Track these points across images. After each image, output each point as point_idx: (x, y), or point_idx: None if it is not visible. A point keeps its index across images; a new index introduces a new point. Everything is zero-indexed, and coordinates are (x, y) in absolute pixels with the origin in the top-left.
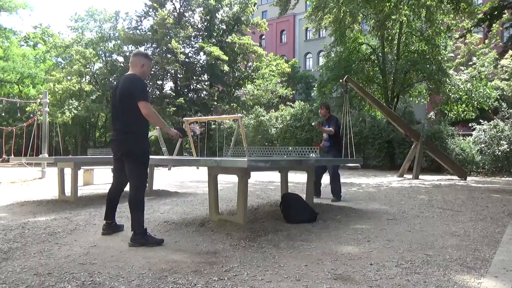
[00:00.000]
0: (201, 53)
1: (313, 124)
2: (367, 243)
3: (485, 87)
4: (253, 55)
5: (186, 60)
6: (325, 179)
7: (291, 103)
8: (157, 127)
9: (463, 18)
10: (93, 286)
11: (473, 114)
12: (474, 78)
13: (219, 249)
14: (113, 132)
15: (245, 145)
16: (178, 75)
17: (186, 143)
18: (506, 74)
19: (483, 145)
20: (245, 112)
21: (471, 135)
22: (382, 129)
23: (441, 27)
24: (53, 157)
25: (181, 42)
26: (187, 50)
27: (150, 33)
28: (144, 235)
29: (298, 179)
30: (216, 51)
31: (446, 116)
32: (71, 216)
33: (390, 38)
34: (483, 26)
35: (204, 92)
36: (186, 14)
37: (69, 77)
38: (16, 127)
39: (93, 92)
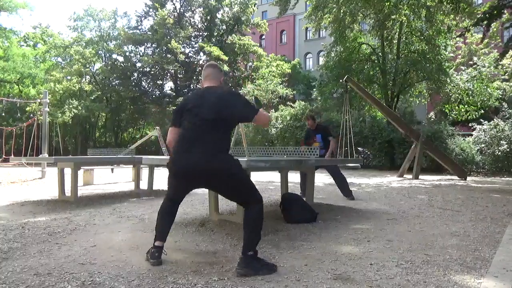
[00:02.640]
0: (201, 53)
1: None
2: (367, 243)
3: (486, 86)
4: (253, 55)
5: (186, 60)
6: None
7: (291, 103)
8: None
9: (463, 18)
10: (93, 286)
11: (476, 114)
12: (476, 78)
13: (219, 249)
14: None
15: (245, 145)
16: (178, 75)
17: None
18: (506, 74)
19: (483, 145)
20: None
21: (471, 135)
22: (382, 129)
23: (441, 27)
24: (53, 157)
25: (181, 42)
26: (187, 50)
27: (150, 33)
28: (258, 259)
29: (298, 179)
30: (216, 51)
31: (447, 116)
32: (71, 216)
33: (390, 38)
34: (482, 26)
35: None
36: (186, 14)
37: (69, 77)
38: (16, 127)
39: (93, 92)
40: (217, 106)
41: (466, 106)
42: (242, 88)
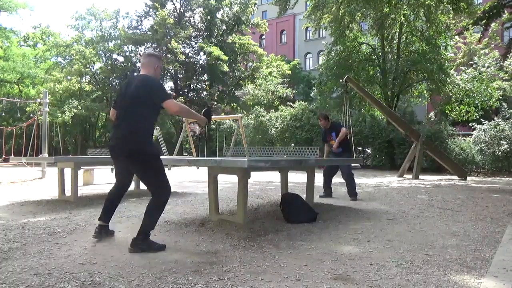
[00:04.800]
0: (201, 53)
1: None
2: (367, 243)
3: (486, 87)
4: (253, 55)
5: (186, 60)
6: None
7: (291, 103)
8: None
9: (462, 18)
10: (93, 286)
11: (477, 115)
12: (476, 79)
13: (219, 249)
14: (116, 132)
15: (245, 145)
16: (178, 75)
17: (186, 143)
18: (507, 74)
19: (483, 145)
20: (245, 112)
21: (471, 135)
22: (382, 129)
23: (441, 27)
24: (53, 157)
25: (181, 42)
26: (187, 50)
27: (150, 33)
28: (146, 240)
29: (298, 179)
30: (216, 51)
31: (448, 116)
32: (71, 216)
33: (390, 38)
34: (481, 25)
35: (204, 92)
36: (187, 14)
37: (69, 77)
38: (16, 127)
39: (93, 92)
40: (137, 89)
41: (466, 106)
42: (243, 88)
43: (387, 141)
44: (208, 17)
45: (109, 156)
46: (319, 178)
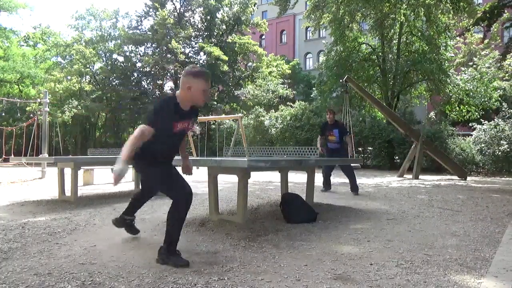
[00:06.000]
0: (201, 53)
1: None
2: (367, 243)
3: (485, 87)
4: (253, 55)
5: (186, 60)
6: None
7: (291, 103)
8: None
9: (462, 18)
10: (93, 286)
11: (478, 115)
12: (475, 79)
13: (219, 249)
14: None
15: (245, 145)
16: (178, 75)
17: (186, 143)
18: (507, 74)
19: (483, 145)
20: (245, 112)
21: (472, 135)
22: (382, 129)
23: (441, 27)
24: (53, 157)
25: (181, 42)
26: (187, 50)
27: (150, 33)
28: (169, 251)
29: (298, 179)
30: (216, 51)
31: (448, 116)
32: (71, 216)
33: (390, 37)
34: (482, 25)
35: None
36: (186, 14)
37: (69, 77)
38: (16, 127)
39: (93, 92)
40: None
41: (467, 106)
42: (243, 88)
43: (387, 141)
44: (208, 17)
45: (109, 156)
46: (319, 178)
